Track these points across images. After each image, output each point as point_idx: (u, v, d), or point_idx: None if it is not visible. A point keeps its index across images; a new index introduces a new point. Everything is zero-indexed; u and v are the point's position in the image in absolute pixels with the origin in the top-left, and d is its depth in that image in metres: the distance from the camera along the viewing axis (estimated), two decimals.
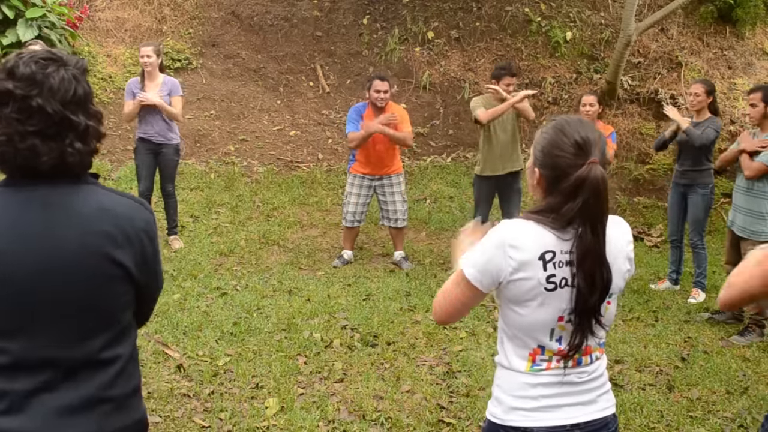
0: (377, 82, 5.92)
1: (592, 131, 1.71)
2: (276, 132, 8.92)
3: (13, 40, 7.64)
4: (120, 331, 1.59)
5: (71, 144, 1.49)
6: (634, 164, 8.51)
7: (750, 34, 10.08)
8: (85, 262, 1.50)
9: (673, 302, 5.52)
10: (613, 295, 1.77)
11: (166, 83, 6.05)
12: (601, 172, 1.64)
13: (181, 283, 5.34)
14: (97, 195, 1.56)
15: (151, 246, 1.62)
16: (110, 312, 1.56)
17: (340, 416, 3.55)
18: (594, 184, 1.63)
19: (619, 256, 1.77)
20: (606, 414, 1.82)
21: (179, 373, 3.94)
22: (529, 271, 1.69)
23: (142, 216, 1.60)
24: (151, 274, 1.64)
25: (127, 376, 1.60)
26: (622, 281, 1.79)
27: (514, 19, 10.02)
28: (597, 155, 1.67)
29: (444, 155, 8.77)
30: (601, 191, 1.64)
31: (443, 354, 4.33)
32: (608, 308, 1.78)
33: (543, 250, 1.69)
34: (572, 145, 1.68)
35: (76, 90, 1.50)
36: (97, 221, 1.52)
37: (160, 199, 6.37)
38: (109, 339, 1.56)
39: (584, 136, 1.68)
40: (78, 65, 1.53)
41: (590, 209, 1.64)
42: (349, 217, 6.07)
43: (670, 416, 3.68)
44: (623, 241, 1.79)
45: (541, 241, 1.69)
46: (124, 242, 1.54)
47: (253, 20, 10.19)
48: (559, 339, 1.74)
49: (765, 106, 4.83)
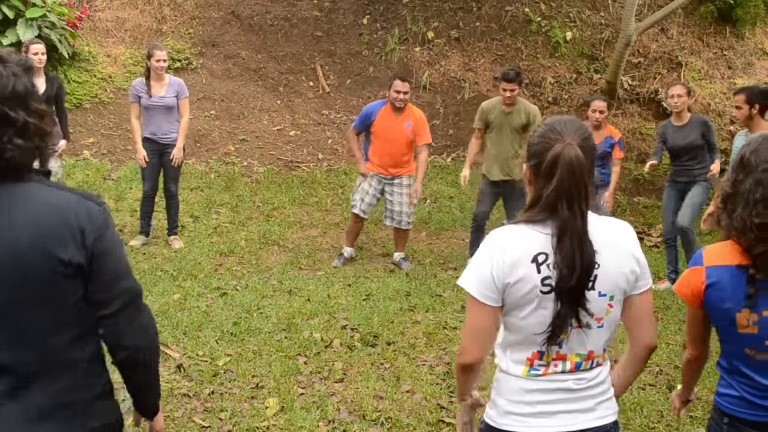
0: (398, 82, 5.82)
1: (574, 123, 1.74)
2: (276, 132, 8.93)
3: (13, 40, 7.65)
4: (81, 332, 1.56)
5: (10, 140, 1.47)
6: (634, 164, 8.52)
7: (750, 34, 10.09)
8: (30, 263, 1.47)
9: (673, 302, 5.52)
10: (614, 297, 1.75)
11: (172, 84, 6.03)
12: (576, 152, 1.66)
13: (181, 283, 5.33)
14: (40, 192, 1.53)
15: (97, 236, 1.54)
16: (64, 313, 1.52)
17: (340, 416, 3.55)
18: (568, 161, 1.65)
19: (619, 255, 1.74)
20: (605, 422, 1.78)
21: (179, 373, 3.93)
22: (522, 273, 1.68)
23: (84, 208, 1.54)
24: (100, 265, 1.55)
25: (90, 379, 1.57)
26: (623, 282, 1.75)
27: (514, 19, 10.02)
28: (575, 139, 1.69)
29: (444, 155, 8.77)
30: (575, 169, 1.65)
31: (443, 354, 4.33)
32: (610, 311, 1.75)
33: (535, 252, 1.68)
34: (551, 131, 1.72)
35: (14, 86, 1.49)
36: (41, 219, 1.49)
37: (161, 199, 6.37)
38: (69, 339, 1.53)
39: (563, 125, 1.72)
40: (19, 63, 1.53)
41: (565, 187, 1.65)
42: (358, 204, 5.95)
43: (670, 416, 3.69)
44: (625, 241, 1.77)
45: (531, 242, 1.69)
46: (69, 239, 1.50)
47: (253, 20, 10.19)
48: (560, 343, 1.73)
49: (750, 107, 4.86)
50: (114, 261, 1.58)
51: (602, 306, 1.74)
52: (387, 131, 5.88)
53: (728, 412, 1.95)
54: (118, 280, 1.59)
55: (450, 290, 5.49)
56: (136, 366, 1.67)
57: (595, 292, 1.72)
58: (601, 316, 1.75)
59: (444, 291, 5.48)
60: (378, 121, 5.89)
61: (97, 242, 1.54)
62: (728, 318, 1.88)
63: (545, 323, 1.70)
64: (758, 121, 4.91)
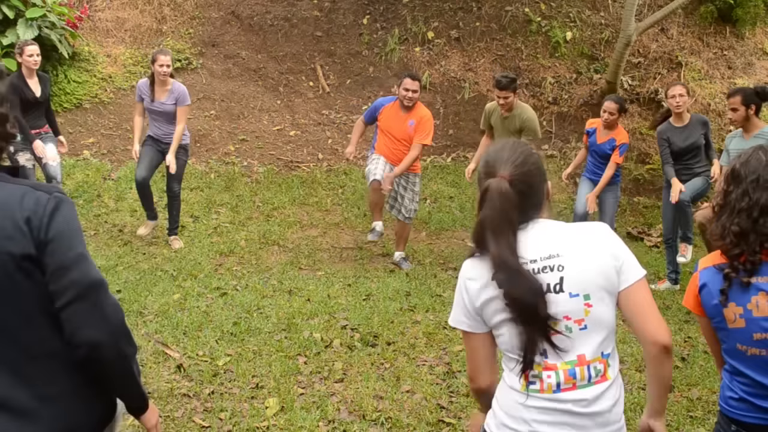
0: (408, 80, 5.76)
1: (509, 151, 1.76)
2: (276, 132, 8.93)
3: (13, 40, 7.65)
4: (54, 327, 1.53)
5: None
6: (634, 164, 8.51)
7: (750, 34, 10.09)
8: None
9: (673, 302, 5.52)
10: (591, 296, 1.70)
11: (174, 91, 5.97)
12: (503, 186, 1.69)
13: (181, 283, 5.34)
14: None
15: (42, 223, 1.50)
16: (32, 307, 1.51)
17: (340, 416, 3.55)
18: (493, 196, 1.69)
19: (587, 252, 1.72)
20: None
21: (179, 373, 3.93)
22: (488, 295, 1.73)
23: (33, 197, 1.51)
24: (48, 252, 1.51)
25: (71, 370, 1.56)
26: (600, 278, 1.71)
27: (514, 19, 10.02)
28: (507, 170, 1.72)
29: (444, 155, 8.77)
30: (498, 204, 1.68)
31: (443, 354, 4.33)
32: (589, 311, 1.70)
33: (493, 272, 1.72)
34: (485, 164, 1.78)
35: None
36: None
37: (161, 198, 6.36)
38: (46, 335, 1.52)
39: (497, 155, 1.76)
40: None
41: (488, 221, 1.69)
42: (375, 171, 5.72)
43: (670, 416, 3.69)
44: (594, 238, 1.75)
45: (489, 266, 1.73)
46: (16, 231, 1.48)
47: (253, 20, 10.19)
48: (544, 353, 1.70)
49: (746, 109, 4.85)
50: (62, 249, 1.51)
51: (577, 307, 1.70)
52: (390, 128, 5.88)
53: (735, 418, 1.98)
54: (66, 269, 1.51)
55: (450, 290, 5.48)
56: (99, 364, 1.57)
57: (564, 294, 1.70)
58: (580, 317, 1.70)
59: (444, 291, 5.48)
60: (383, 116, 5.88)
61: (42, 230, 1.50)
62: (719, 314, 1.99)
63: (519, 342, 1.71)
64: (754, 121, 4.92)
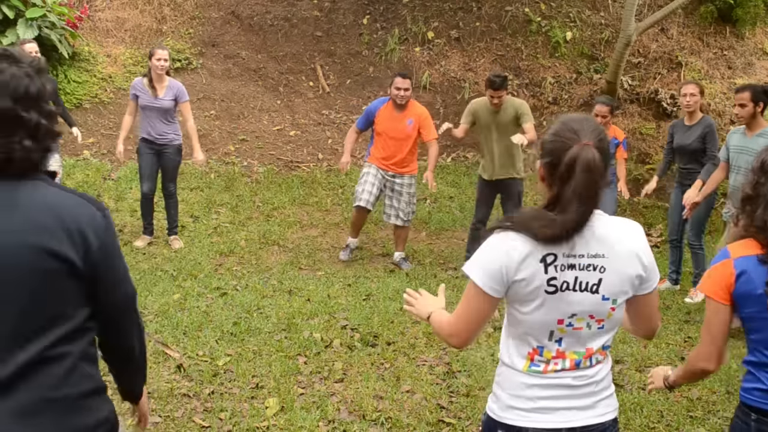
0: (398, 79, 5.83)
1: (590, 122, 1.74)
2: (276, 132, 8.93)
3: (13, 39, 7.65)
4: (72, 330, 1.55)
5: (20, 141, 1.48)
6: (634, 164, 8.51)
7: (750, 34, 10.09)
8: (25, 259, 1.47)
9: (673, 302, 5.52)
10: (617, 301, 1.76)
11: (171, 87, 6.02)
12: (593, 154, 1.65)
13: (181, 283, 5.33)
14: (43, 191, 1.53)
15: (98, 241, 1.55)
16: (57, 309, 1.52)
17: (340, 416, 3.55)
18: (585, 163, 1.64)
19: (626, 259, 1.74)
20: (604, 419, 1.82)
21: (179, 373, 3.93)
22: (529, 272, 1.69)
23: (86, 212, 1.55)
24: (101, 270, 1.57)
25: (79, 376, 1.56)
26: (628, 286, 1.76)
27: (514, 19, 10.02)
28: (591, 140, 1.68)
29: (444, 155, 8.76)
30: (592, 172, 1.65)
31: (443, 354, 4.33)
32: (612, 314, 1.77)
33: (544, 252, 1.69)
34: (567, 131, 1.71)
35: (28, 87, 1.49)
36: (39, 217, 1.49)
37: (161, 198, 6.36)
38: (58, 337, 1.52)
39: (579, 124, 1.72)
40: (33, 63, 1.53)
41: (582, 189, 1.65)
42: (362, 196, 5.86)
43: (670, 416, 3.69)
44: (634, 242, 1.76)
45: (540, 243, 1.70)
46: (65, 237, 1.50)
47: (253, 20, 10.19)
48: (559, 341, 1.76)
49: (754, 105, 4.80)
50: (115, 266, 1.62)
51: (604, 309, 1.76)
52: (389, 129, 5.89)
53: (757, 406, 1.97)
54: (121, 283, 1.63)
55: (450, 290, 5.47)
56: (131, 362, 1.75)
57: (598, 296, 1.73)
58: (603, 318, 1.77)
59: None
60: (380, 119, 5.89)
61: (100, 248, 1.56)
62: (762, 303, 1.94)
63: (546, 322, 1.73)
64: (759, 120, 4.88)
